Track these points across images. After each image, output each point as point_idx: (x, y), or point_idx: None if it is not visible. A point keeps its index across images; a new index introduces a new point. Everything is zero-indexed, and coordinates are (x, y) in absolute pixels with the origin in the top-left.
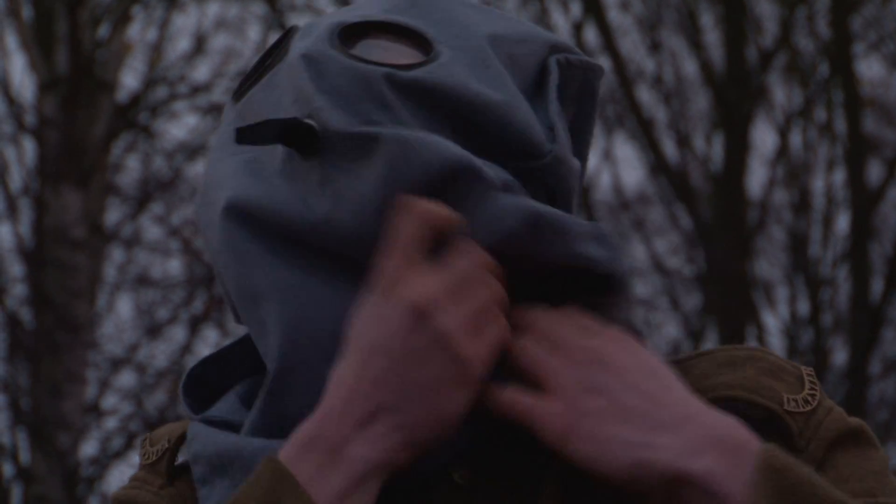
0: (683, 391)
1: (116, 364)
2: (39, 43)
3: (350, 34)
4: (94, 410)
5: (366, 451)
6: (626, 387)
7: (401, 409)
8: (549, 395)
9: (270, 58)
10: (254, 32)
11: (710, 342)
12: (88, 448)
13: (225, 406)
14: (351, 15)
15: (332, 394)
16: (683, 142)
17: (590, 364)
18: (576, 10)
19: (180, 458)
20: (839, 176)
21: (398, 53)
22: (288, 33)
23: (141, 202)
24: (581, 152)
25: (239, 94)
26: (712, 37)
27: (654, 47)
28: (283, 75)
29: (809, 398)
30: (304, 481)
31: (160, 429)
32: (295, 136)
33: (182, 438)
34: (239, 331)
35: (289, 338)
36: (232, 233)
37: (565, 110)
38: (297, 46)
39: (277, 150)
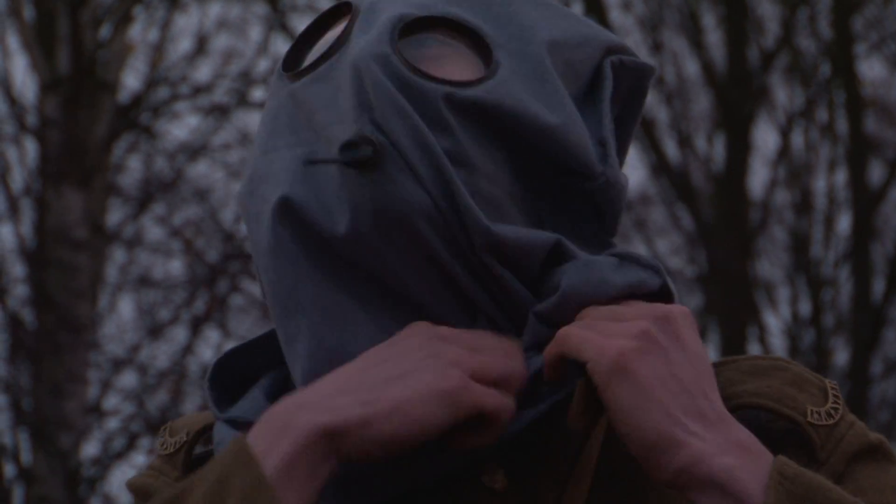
0: (717, 390)
1: (118, 364)
2: (41, 43)
3: (410, 29)
4: (96, 411)
5: (313, 417)
6: (685, 359)
7: (370, 392)
8: (610, 338)
9: (329, 42)
10: (255, 33)
11: (712, 343)
12: (90, 448)
13: (248, 405)
14: (412, 5)
15: (326, 376)
16: (685, 142)
17: (658, 320)
18: (577, 9)
19: (198, 451)
20: (841, 176)
21: (457, 55)
22: (347, 11)
23: (142, 203)
24: (623, 150)
25: (294, 69)
26: (714, 37)
27: (656, 48)
28: (342, 73)
29: (833, 411)
30: (258, 453)
31: (182, 418)
32: (357, 154)
33: (201, 432)
34: (241, 332)
35: (318, 361)
36: (281, 237)
37: (612, 109)
38: (359, 42)
39: (333, 146)
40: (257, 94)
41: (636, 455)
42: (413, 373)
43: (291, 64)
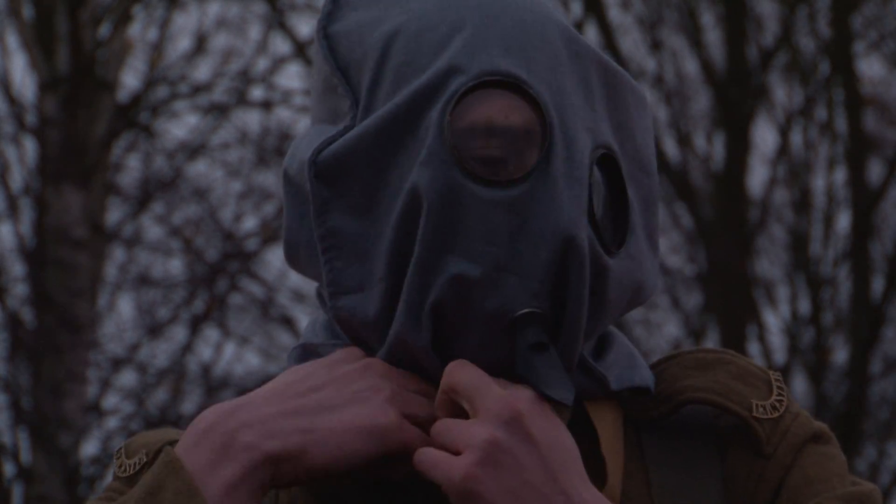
0: (581, 472)
1: (117, 363)
2: (40, 42)
3: None
4: (95, 410)
5: (257, 441)
6: (536, 459)
7: (310, 419)
8: (459, 449)
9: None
10: (254, 32)
11: (711, 341)
12: (89, 447)
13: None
14: (587, 129)
15: (259, 390)
16: (684, 141)
17: (506, 423)
18: (576, 8)
19: None
20: (840, 175)
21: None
22: (508, 85)
23: (142, 202)
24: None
25: (455, 137)
26: (713, 36)
27: (655, 46)
28: (537, 220)
29: (777, 404)
30: (195, 471)
31: (135, 438)
32: (532, 338)
33: (160, 451)
34: (240, 331)
35: None
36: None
37: None
38: (564, 192)
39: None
40: (256, 93)
41: None
42: (352, 404)
43: (449, 116)
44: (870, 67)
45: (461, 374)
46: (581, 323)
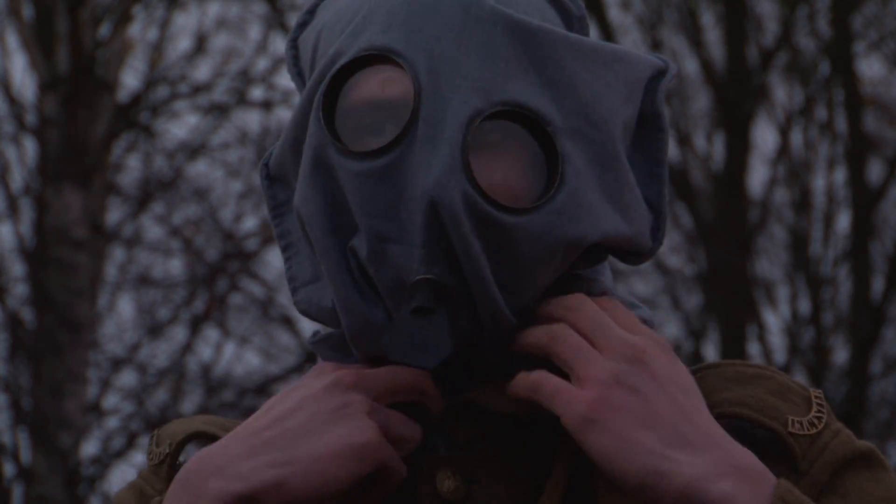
0: (708, 414)
1: (117, 363)
2: (40, 42)
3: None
4: (96, 410)
5: (225, 485)
6: (661, 393)
7: (283, 450)
8: (581, 381)
9: (378, 103)
10: (254, 32)
11: (711, 341)
12: (90, 447)
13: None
14: (475, 90)
15: (236, 429)
16: (684, 141)
17: (630, 360)
18: None
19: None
20: (840, 175)
21: (519, 156)
22: (388, 59)
23: (142, 202)
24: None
25: (332, 117)
26: (713, 36)
27: (655, 46)
28: (409, 188)
29: (816, 420)
30: None
31: (169, 426)
32: (421, 302)
33: (185, 441)
34: (240, 331)
35: None
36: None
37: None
38: (430, 155)
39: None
40: (256, 92)
41: (633, 496)
42: (326, 426)
43: (329, 107)
44: (870, 67)
45: (586, 308)
46: (484, 280)
